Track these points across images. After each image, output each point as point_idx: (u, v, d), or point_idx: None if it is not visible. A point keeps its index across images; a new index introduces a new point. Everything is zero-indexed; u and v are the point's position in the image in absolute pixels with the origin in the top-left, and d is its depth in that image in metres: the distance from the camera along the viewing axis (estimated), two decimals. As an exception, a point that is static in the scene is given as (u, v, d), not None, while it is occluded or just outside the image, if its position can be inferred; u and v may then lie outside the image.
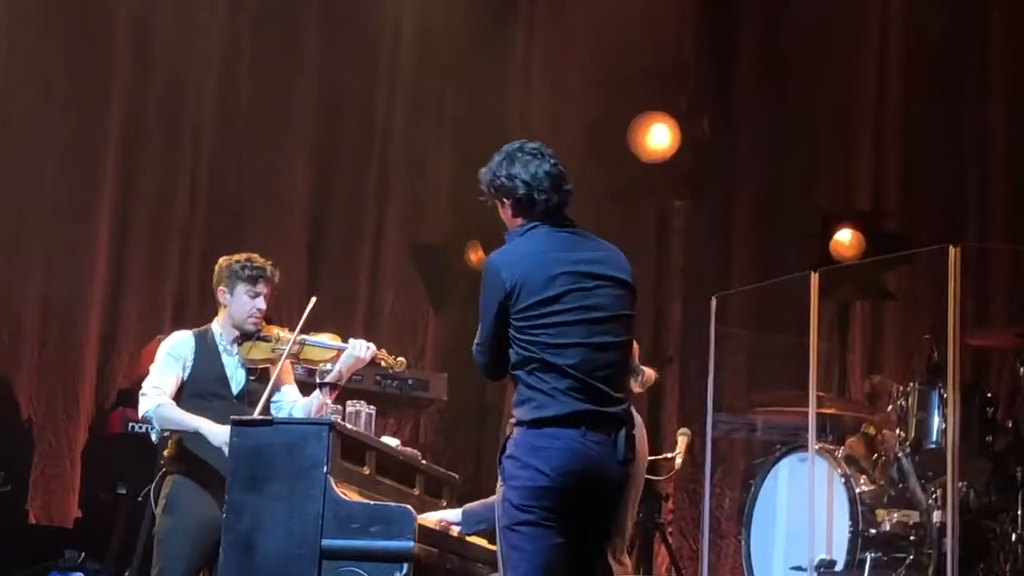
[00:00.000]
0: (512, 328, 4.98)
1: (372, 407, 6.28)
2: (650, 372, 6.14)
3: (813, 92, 10.68)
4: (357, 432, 6.00)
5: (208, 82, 10.05)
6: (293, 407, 6.25)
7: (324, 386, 6.16)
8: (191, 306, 9.69)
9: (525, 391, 4.96)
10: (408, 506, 5.64)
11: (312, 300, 6.24)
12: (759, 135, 10.75)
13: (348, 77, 10.40)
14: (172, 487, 6.10)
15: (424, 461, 6.62)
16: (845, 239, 9.98)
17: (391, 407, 9.03)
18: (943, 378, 7.53)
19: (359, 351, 6.19)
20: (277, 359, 6.19)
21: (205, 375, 6.19)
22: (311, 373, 6.40)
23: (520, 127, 10.71)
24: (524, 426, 4.92)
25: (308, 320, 6.15)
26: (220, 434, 5.92)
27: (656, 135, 10.13)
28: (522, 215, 5.18)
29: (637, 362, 6.03)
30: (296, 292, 9.62)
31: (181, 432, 6.10)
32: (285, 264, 6.40)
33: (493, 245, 10.32)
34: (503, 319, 4.99)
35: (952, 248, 7.20)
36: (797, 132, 10.68)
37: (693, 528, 9.86)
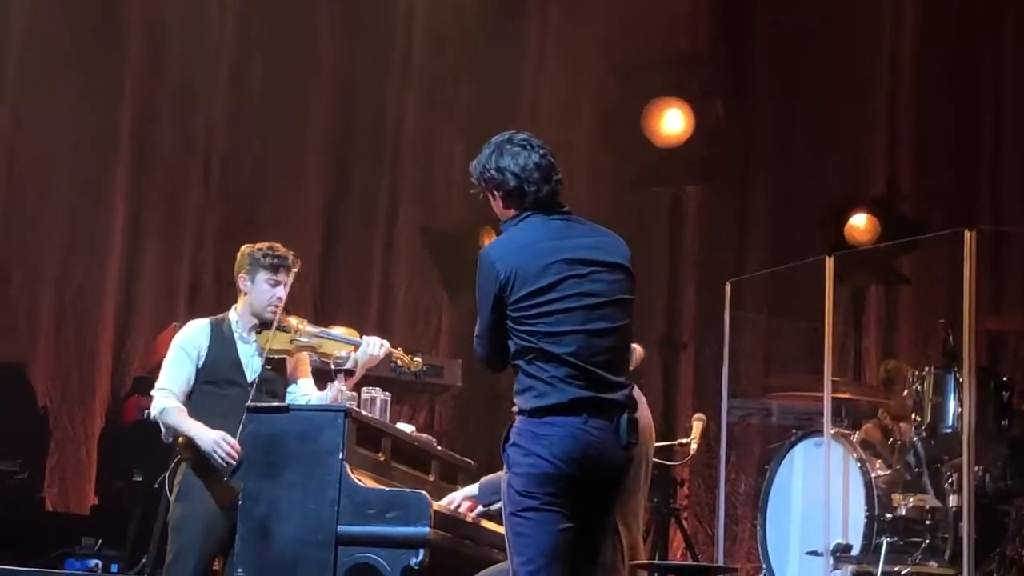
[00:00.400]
0: (509, 319, 4.97)
1: (387, 393, 6.29)
2: (640, 350, 6.13)
3: (827, 77, 10.66)
4: (372, 418, 6.01)
5: (221, 73, 10.06)
6: (309, 400, 6.25)
7: (340, 372, 6.16)
8: (205, 294, 9.71)
9: (525, 380, 4.97)
10: (423, 492, 5.64)
11: None
12: (773, 120, 10.74)
13: (360, 65, 10.40)
14: (186, 474, 6.10)
15: (439, 447, 6.63)
16: (860, 223, 9.97)
17: (406, 393, 9.04)
18: (958, 362, 7.51)
19: (373, 348, 6.19)
20: (295, 350, 6.20)
21: (220, 363, 6.19)
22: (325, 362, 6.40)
23: (533, 114, 10.74)
24: (525, 415, 4.93)
25: (324, 312, 6.17)
26: (210, 440, 5.95)
27: (670, 121, 10.12)
28: (513, 206, 5.18)
29: None
30: (310, 280, 9.65)
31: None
32: (299, 252, 6.38)
33: (506, 231, 10.35)
34: (500, 310, 4.98)
35: (967, 232, 7.18)
36: (811, 117, 10.67)
37: (708, 513, 9.86)
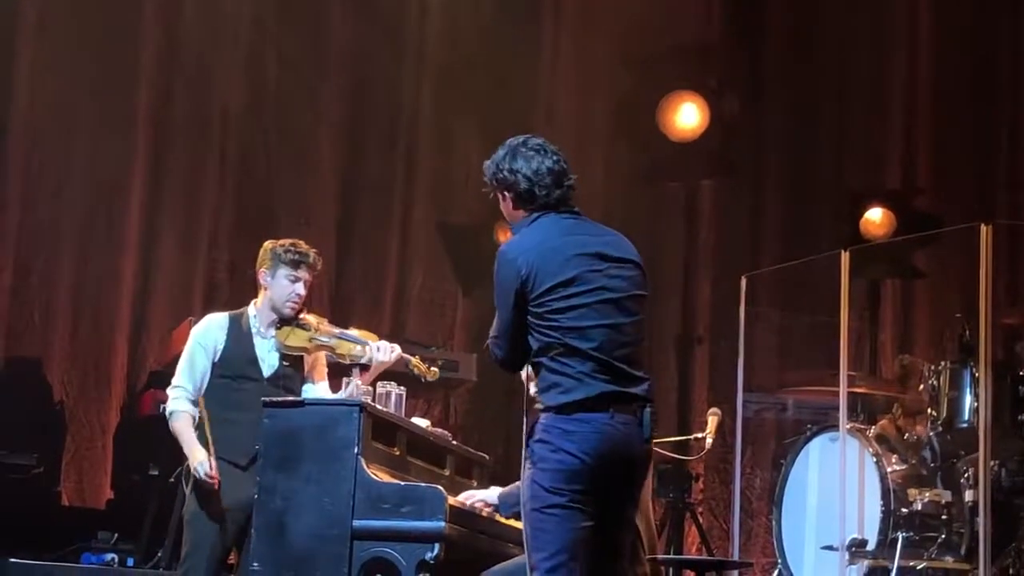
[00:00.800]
0: (531, 315, 4.97)
1: (402, 388, 6.29)
2: None
3: (842, 70, 10.64)
4: (388, 413, 6.01)
5: (236, 64, 10.06)
6: None
7: (356, 366, 6.17)
8: (221, 288, 9.72)
9: (550, 376, 4.97)
10: (439, 487, 5.65)
11: None
12: (788, 114, 10.72)
13: (375, 58, 10.40)
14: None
15: (454, 441, 6.64)
16: (876, 217, 9.95)
17: (421, 388, 9.03)
18: (975, 357, 7.50)
19: (383, 355, 6.19)
20: (313, 349, 6.22)
21: (236, 357, 6.20)
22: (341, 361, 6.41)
23: (548, 107, 10.74)
24: (553, 411, 4.93)
25: (339, 305, 6.17)
26: (195, 461, 5.99)
27: (685, 114, 10.11)
28: (523, 207, 5.17)
29: None
30: (325, 273, 9.63)
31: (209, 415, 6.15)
32: (313, 245, 6.40)
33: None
34: (521, 308, 4.98)
35: (983, 226, 7.16)
36: (826, 110, 10.65)
37: (723, 508, 9.86)
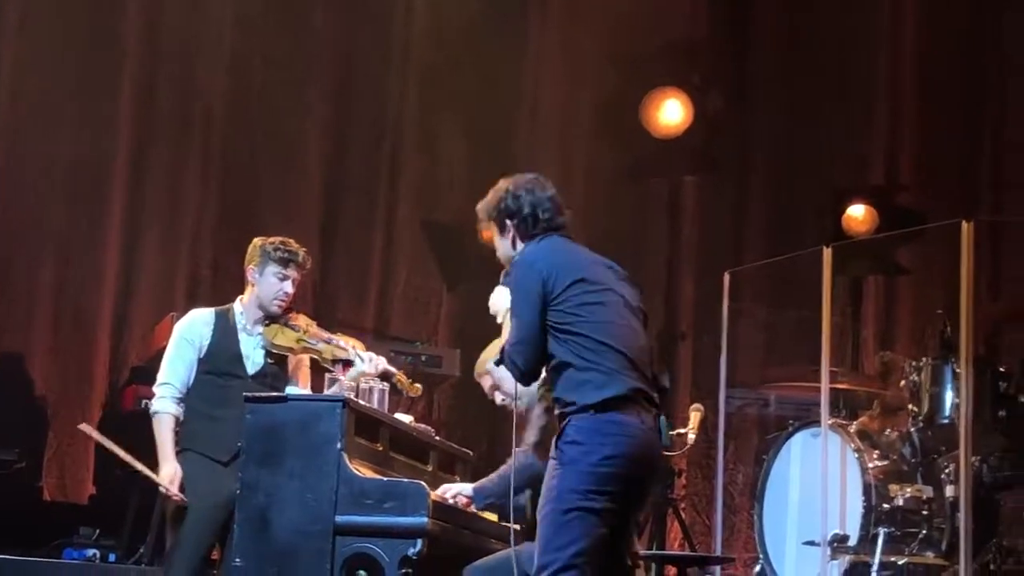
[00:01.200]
0: (553, 314, 5.06)
1: (385, 383, 6.29)
2: None
3: (827, 67, 10.66)
4: (370, 409, 6.01)
5: (219, 61, 10.04)
6: None
7: (338, 362, 6.17)
8: (203, 284, 9.71)
9: (578, 375, 5.01)
10: (422, 482, 5.65)
11: None
12: (772, 110, 10.74)
13: (360, 55, 10.40)
14: (185, 464, 6.12)
15: (437, 437, 6.64)
16: (858, 214, 9.98)
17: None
18: (956, 353, 7.52)
19: (367, 366, 6.17)
20: (300, 350, 6.22)
21: (221, 353, 6.21)
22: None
23: (533, 105, 10.74)
24: (590, 410, 4.97)
25: (323, 302, 6.17)
26: (164, 473, 6.04)
27: (669, 111, 10.13)
28: (526, 230, 5.31)
29: None
30: (309, 270, 9.62)
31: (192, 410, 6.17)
32: (298, 242, 6.41)
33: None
34: (543, 308, 5.07)
35: (965, 222, 7.19)
36: (810, 107, 10.67)
37: (706, 503, 9.88)
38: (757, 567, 8.23)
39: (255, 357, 6.24)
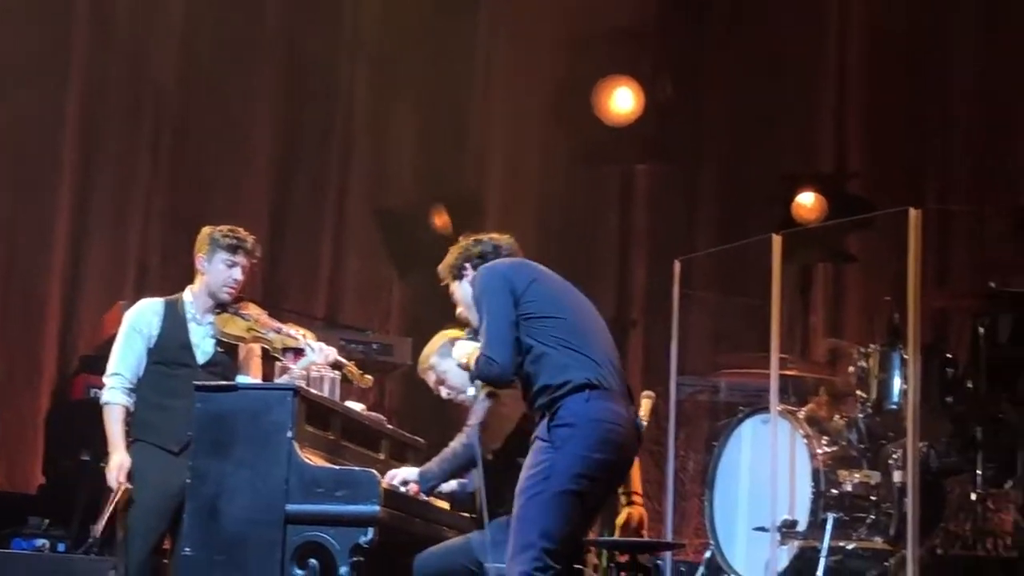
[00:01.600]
0: (527, 306, 5.19)
1: (337, 372, 6.28)
2: None
3: (776, 55, 10.70)
4: (322, 397, 6.00)
5: (169, 47, 9.98)
6: None
7: (288, 351, 6.16)
8: (153, 272, 9.66)
9: (562, 357, 5.13)
10: (373, 471, 5.64)
11: None
12: (723, 99, 10.77)
13: (310, 41, 10.36)
14: (136, 454, 6.11)
15: (389, 426, 6.64)
16: (807, 202, 10.01)
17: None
18: (904, 340, 7.58)
19: (317, 356, 6.16)
20: (250, 339, 6.21)
21: (171, 343, 6.20)
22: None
23: (485, 90, 10.74)
24: (584, 390, 5.07)
25: (273, 290, 6.15)
26: (113, 464, 6.03)
27: (620, 98, 10.13)
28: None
29: None
30: (259, 258, 9.59)
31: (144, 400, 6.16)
32: (248, 229, 6.40)
33: (458, 210, 10.39)
34: (515, 304, 5.19)
35: (913, 210, 7.24)
36: (760, 95, 10.70)
37: (657, 490, 9.90)
38: (707, 553, 8.27)
39: (205, 346, 6.23)
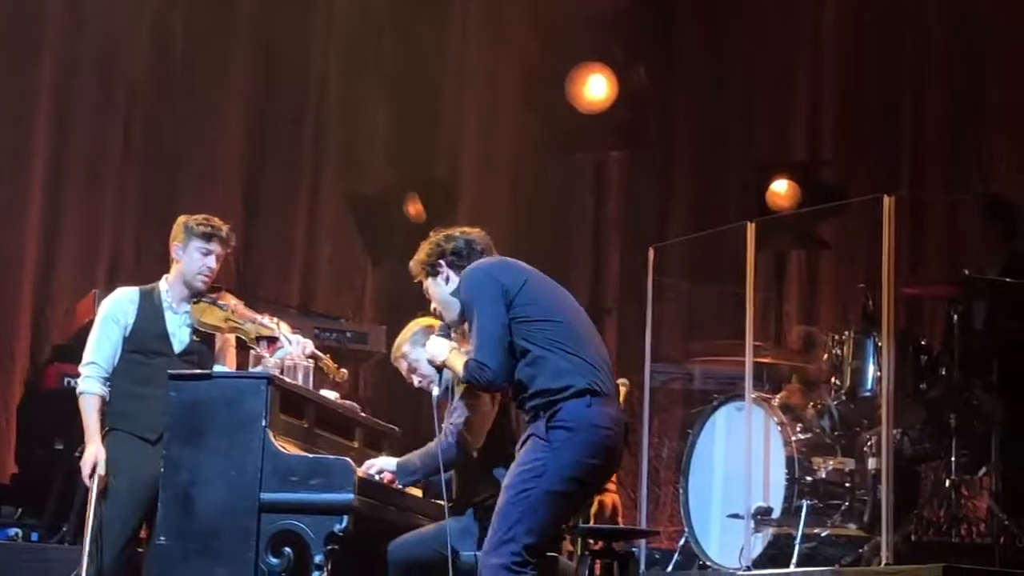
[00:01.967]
0: (521, 309, 5.19)
1: (311, 360, 6.27)
2: None
3: (750, 42, 10.72)
4: (296, 385, 5.99)
5: (141, 35, 9.93)
6: None
7: (262, 339, 6.15)
8: (126, 261, 9.62)
9: (559, 361, 5.15)
10: (347, 459, 5.64)
11: None
12: (696, 86, 10.78)
13: (282, 27, 10.31)
14: (111, 443, 6.09)
15: (363, 414, 6.63)
16: (781, 189, 10.03)
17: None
18: (877, 326, 7.59)
19: (295, 349, 6.17)
20: (227, 329, 6.20)
21: (147, 332, 6.19)
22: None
23: (458, 76, 10.72)
24: (585, 395, 5.12)
25: (247, 277, 6.13)
26: (89, 455, 6.01)
27: (593, 86, 10.13)
28: (457, 269, 5.44)
29: None
30: (234, 246, 9.56)
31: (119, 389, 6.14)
32: (220, 216, 6.39)
33: (431, 198, 10.36)
34: (507, 307, 5.19)
35: (887, 197, 7.24)
36: (734, 83, 10.72)
37: (632, 478, 9.91)
38: (682, 540, 8.28)
39: (181, 335, 6.23)
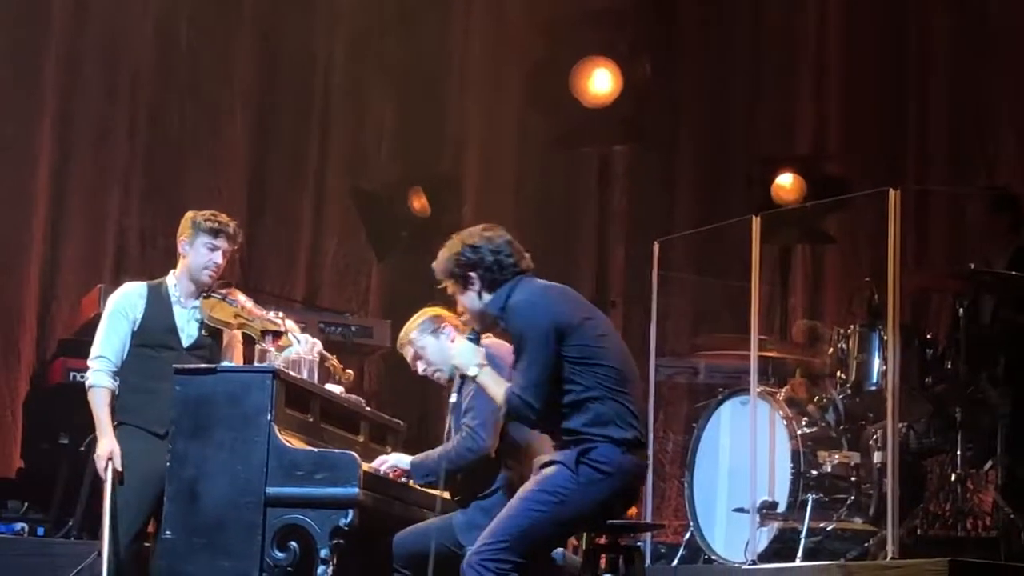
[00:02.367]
0: (573, 350, 5.16)
1: (315, 355, 6.27)
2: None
3: (755, 36, 10.71)
4: (301, 379, 6.00)
5: (146, 29, 9.94)
6: None
7: (267, 334, 6.15)
8: (131, 255, 9.64)
9: (605, 409, 5.15)
10: (353, 453, 5.65)
11: None
12: (701, 79, 10.77)
13: (288, 22, 10.32)
14: (121, 438, 6.09)
15: (368, 408, 6.64)
16: (786, 183, 9.99)
17: (335, 354, 9.00)
18: (883, 320, 7.58)
19: (303, 347, 6.18)
20: (237, 325, 6.22)
21: (155, 326, 6.21)
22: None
23: (462, 71, 10.72)
24: (621, 446, 5.14)
25: (252, 272, 6.13)
26: (103, 449, 6.01)
27: (598, 80, 10.10)
28: (495, 281, 5.32)
29: None
30: (241, 243, 9.57)
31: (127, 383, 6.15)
32: (225, 210, 6.42)
33: (436, 191, 10.36)
34: (559, 346, 5.15)
35: (892, 191, 7.23)
36: (739, 76, 10.71)
37: (637, 472, 9.90)
38: (687, 534, 8.27)
39: (190, 330, 6.25)
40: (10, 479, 8.80)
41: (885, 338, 7.58)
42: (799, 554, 7.47)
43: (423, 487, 6.12)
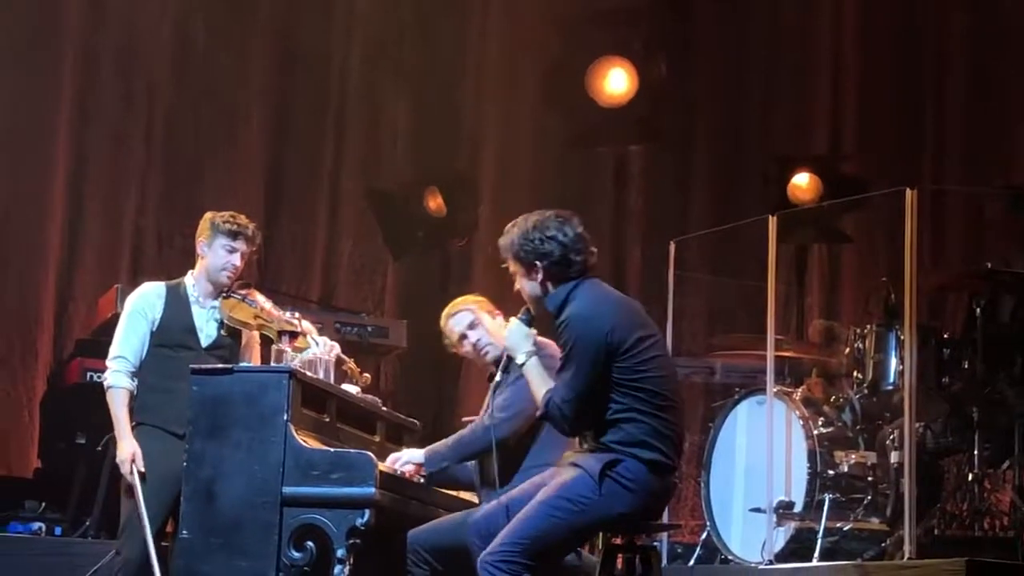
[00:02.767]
0: (621, 371, 5.11)
1: (332, 354, 6.27)
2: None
3: (771, 35, 10.70)
4: (317, 379, 6.00)
5: (163, 33, 9.96)
6: None
7: (284, 334, 6.16)
8: (148, 255, 9.66)
9: (638, 432, 5.12)
10: (369, 452, 5.65)
11: None
12: (717, 79, 10.76)
13: (304, 23, 10.34)
14: (139, 438, 6.11)
15: (384, 408, 6.64)
16: (803, 183, 9.99)
17: (351, 354, 9.01)
18: (900, 320, 7.57)
19: (321, 350, 6.18)
20: (256, 326, 6.23)
21: (174, 326, 6.22)
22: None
23: (478, 72, 10.72)
24: (644, 463, 5.12)
25: (268, 273, 6.14)
26: (124, 452, 6.03)
27: (614, 80, 10.11)
28: (558, 275, 5.25)
29: None
30: (260, 244, 9.58)
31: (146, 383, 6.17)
32: (242, 212, 6.41)
33: (451, 191, 10.37)
34: (607, 365, 5.10)
35: (909, 190, 7.22)
36: (755, 76, 10.70)
37: (653, 471, 9.90)
38: (704, 534, 8.27)
39: (208, 330, 6.27)
40: (27, 479, 8.83)
41: (902, 338, 7.56)
42: (816, 554, 7.47)
43: (439, 486, 6.12)
